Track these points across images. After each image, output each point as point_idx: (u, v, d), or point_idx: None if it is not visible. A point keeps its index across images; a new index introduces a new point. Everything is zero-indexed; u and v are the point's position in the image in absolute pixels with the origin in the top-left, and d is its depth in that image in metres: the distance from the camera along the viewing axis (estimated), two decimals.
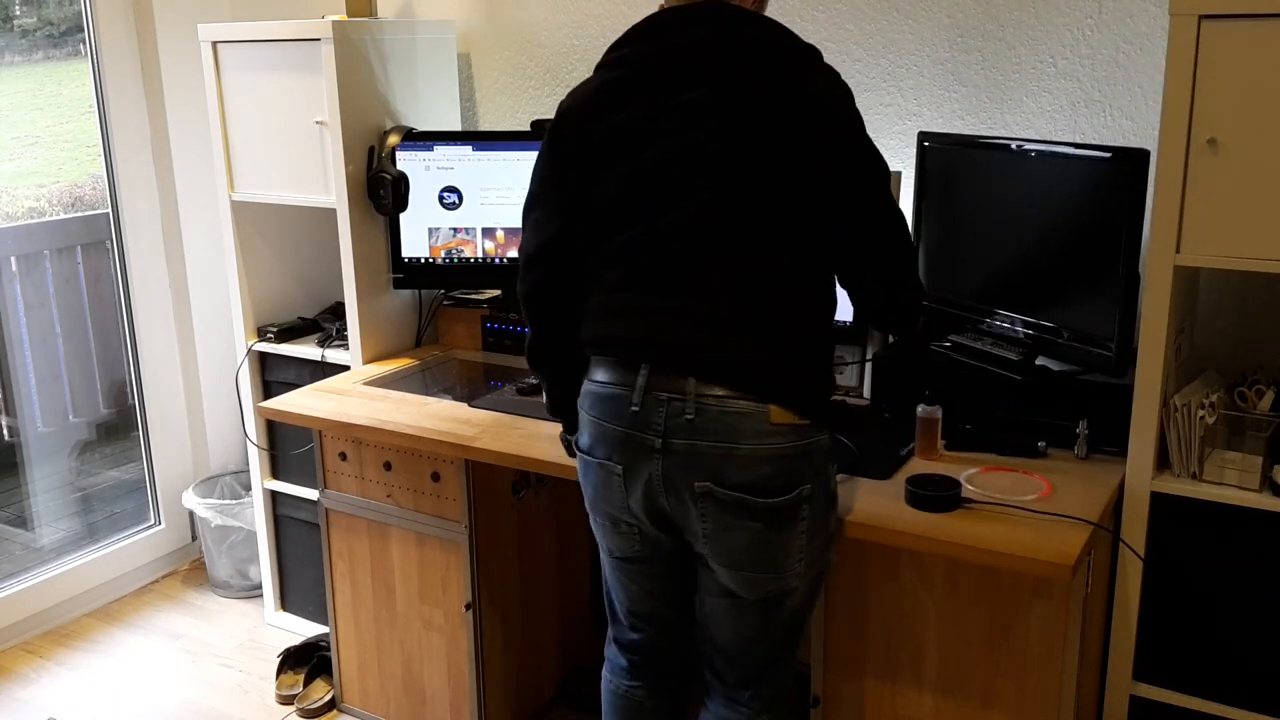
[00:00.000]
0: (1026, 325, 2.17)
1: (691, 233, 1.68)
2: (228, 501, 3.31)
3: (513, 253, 2.81)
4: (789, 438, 1.66)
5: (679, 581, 1.88)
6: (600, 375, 1.76)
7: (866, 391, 2.37)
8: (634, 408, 1.69)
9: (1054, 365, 2.13)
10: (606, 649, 2.05)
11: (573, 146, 1.78)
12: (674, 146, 1.69)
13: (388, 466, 2.46)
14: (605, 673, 2.05)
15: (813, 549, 1.74)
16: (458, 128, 3.02)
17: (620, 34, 1.78)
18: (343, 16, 2.81)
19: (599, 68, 1.80)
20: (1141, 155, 1.92)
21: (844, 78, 1.74)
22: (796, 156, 1.67)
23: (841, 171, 1.70)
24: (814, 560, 1.76)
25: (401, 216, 2.80)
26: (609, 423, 1.73)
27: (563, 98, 1.82)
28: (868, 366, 2.35)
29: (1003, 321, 2.22)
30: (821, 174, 1.68)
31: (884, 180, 1.75)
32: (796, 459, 1.68)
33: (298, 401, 2.54)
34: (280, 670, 2.89)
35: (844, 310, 2.39)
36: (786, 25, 1.74)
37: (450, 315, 2.99)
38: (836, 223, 1.72)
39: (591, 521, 1.90)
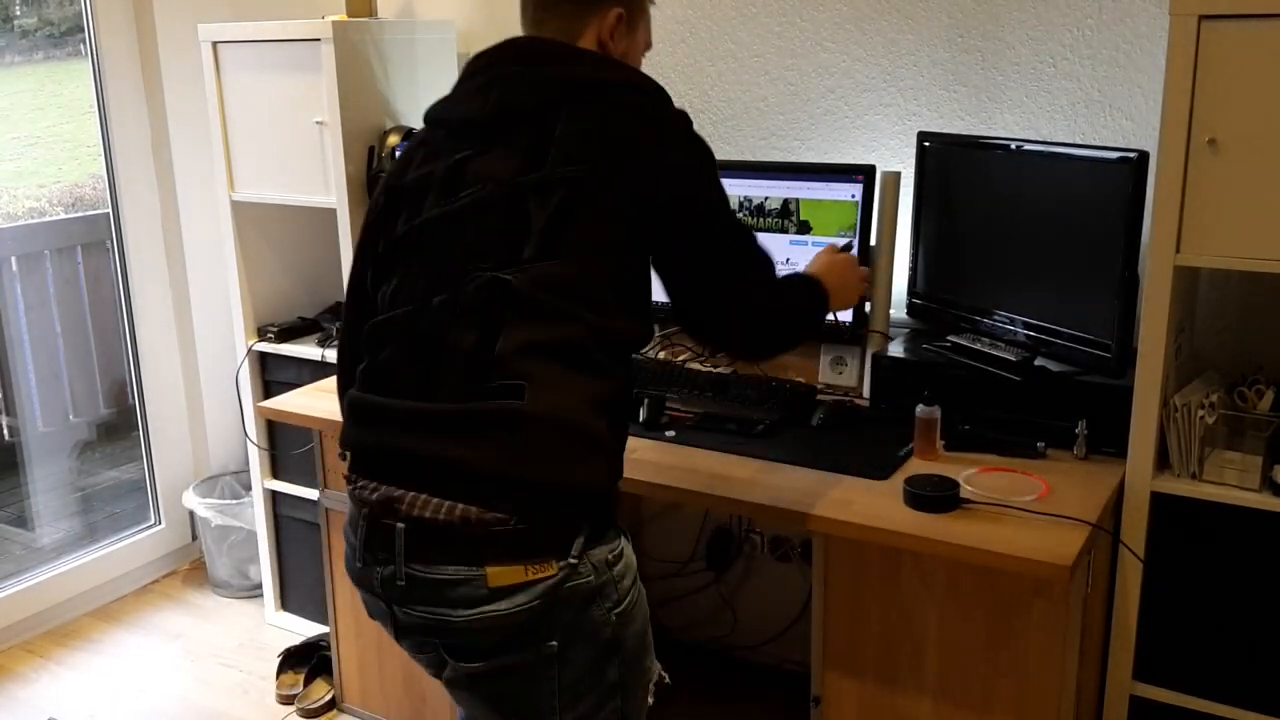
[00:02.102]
0: (1026, 326, 2.17)
1: (434, 318, 1.49)
2: (228, 501, 3.31)
3: None
4: (518, 599, 1.42)
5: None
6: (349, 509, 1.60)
7: (866, 391, 2.37)
8: (358, 564, 1.54)
9: (1053, 366, 2.13)
10: None
11: (373, 209, 1.66)
12: (437, 214, 1.53)
13: None
14: None
15: (580, 710, 1.51)
16: None
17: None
18: (343, 16, 2.81)
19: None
20: (1141, 156, 1.92)
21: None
22: (609, 222, 1.48)
23: (669, 237, 1.54)
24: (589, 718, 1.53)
25: None
26: (351, 570, 1.58)
27: None
28: (868, 366, 2.35)
29: (1002, 322, 2.22)
30: (642, 241, 1.52)
31: (727, 238, 1.58)
32: (531, 620, 1.44)
33: (298, 401, 2.54)
34: (280, 670, 2.89)
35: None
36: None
37: None
38: (669, 284, 1.58)
39: None
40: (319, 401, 2.52)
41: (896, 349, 2.33)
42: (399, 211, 1.59)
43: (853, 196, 2.35)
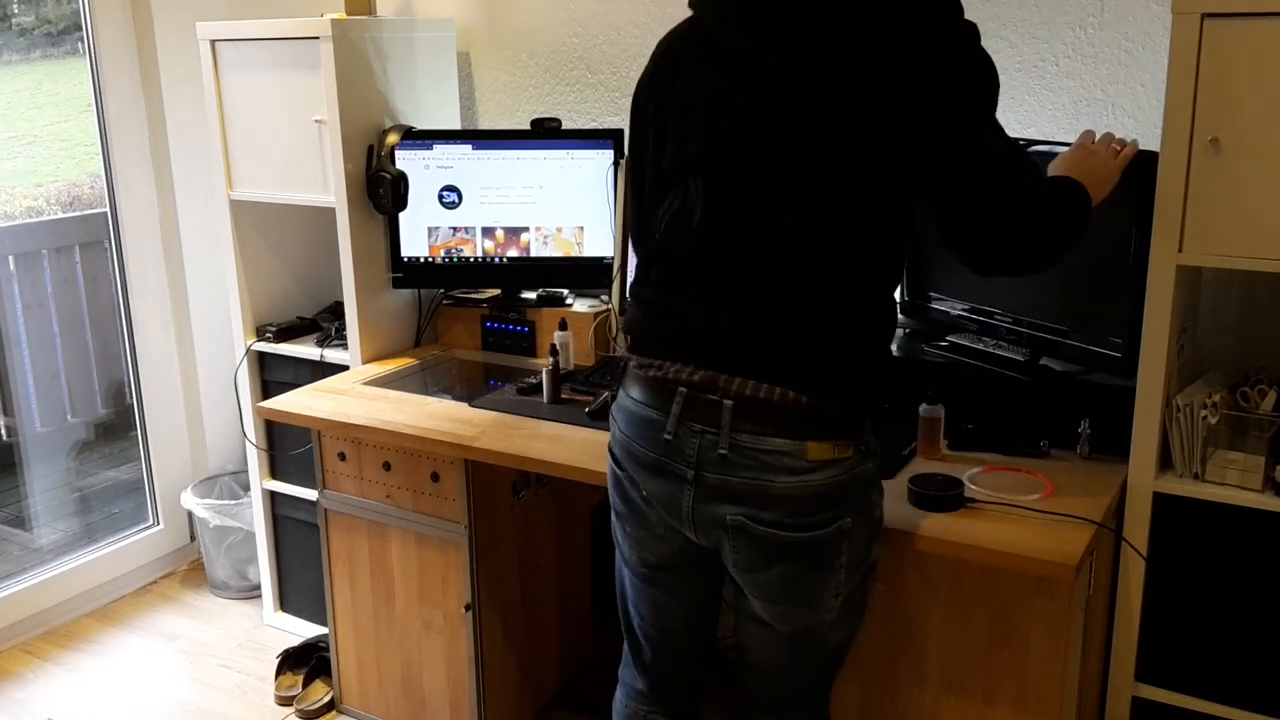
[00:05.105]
0: (1032, 326, 2.16)
1: (727, 224, 1.59)
2: (226, 502, 3.30)
3: (513, 251, 2.81)
4: (828, 473, 1.58)
5: (706, 596, 1.83)
6: (635, 393, 1.67)
7: None
8: (667, 436, 1.61)
9: (1058, 365, 2.13)
10: (621, 671, 1.98)
11: (641, 114, 1.73)
12: (708, 122, 1.60)
13: (387, 467, 2.45)
14: (619, 695, 1.98)
15: (851, 583, 1.66)
16: (457, 126, 3.01)
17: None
18: (342, 14, 2.80)
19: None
20: (1147, 155, 1.91)
21: None
22: (863, 103, 1.50)
23: (920, 108, 1.50)
24: (853, 594, 1.68)
25: (401, 215, 2.79)
26: (641, 446, 1.66)
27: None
28: None
29: (1005, 321, 2.21)
30: (898, 116, 1.51)
31: (980, 116, 1.54)
32: (836, 492, 1.59)
33: (297, 401, 2.53)
34: (279, 671, 2.88)
35: None
36: None
37: (450, 315, 2.98)
38: (919, 181, 1.56)
39: (618, 533, 1.82)
40: (318, 401, 2.51)
41: (897, 349, 2.33)
42: (676, 117, 1.70)
43: None
